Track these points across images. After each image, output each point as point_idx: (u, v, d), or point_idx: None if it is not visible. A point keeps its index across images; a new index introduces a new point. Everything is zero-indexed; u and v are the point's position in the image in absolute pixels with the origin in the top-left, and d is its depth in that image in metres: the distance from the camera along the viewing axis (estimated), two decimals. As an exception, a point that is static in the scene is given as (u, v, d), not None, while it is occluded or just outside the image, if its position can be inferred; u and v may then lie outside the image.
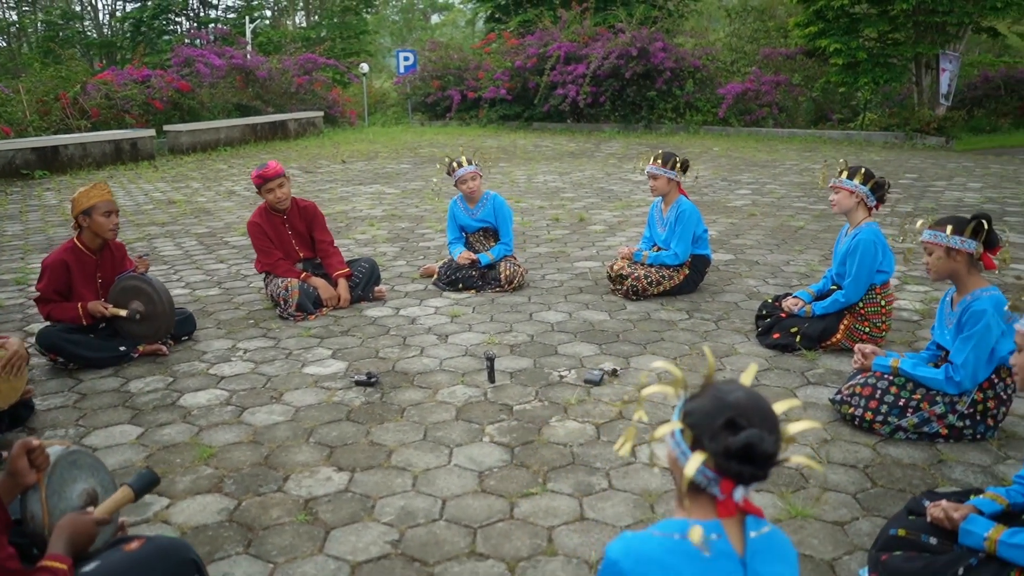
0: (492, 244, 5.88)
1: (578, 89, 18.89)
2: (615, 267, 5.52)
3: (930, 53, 17.97)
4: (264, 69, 18.69)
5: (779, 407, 1.52)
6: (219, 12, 32.25)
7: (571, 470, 3.17)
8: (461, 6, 62.81)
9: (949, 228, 3.15)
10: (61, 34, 29.96)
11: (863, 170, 4.32)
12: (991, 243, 3.16)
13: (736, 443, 1.45)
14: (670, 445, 1.57)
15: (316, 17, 31.85)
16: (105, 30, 33.88)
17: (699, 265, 5.53)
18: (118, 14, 33.08)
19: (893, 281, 5.33)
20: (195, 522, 2.83)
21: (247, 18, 26.55)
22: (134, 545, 2.09)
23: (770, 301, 4.79)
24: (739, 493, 1.50)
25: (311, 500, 2.96)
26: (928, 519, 2.45)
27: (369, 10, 33.27)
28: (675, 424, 1.53)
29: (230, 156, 14.70)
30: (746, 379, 1.57)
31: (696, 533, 1.46)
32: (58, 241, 7.34)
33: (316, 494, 3.00)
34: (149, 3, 29.25)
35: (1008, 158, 14.09)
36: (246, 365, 4.33)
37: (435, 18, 63.10)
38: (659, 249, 5.56)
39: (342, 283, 5.34)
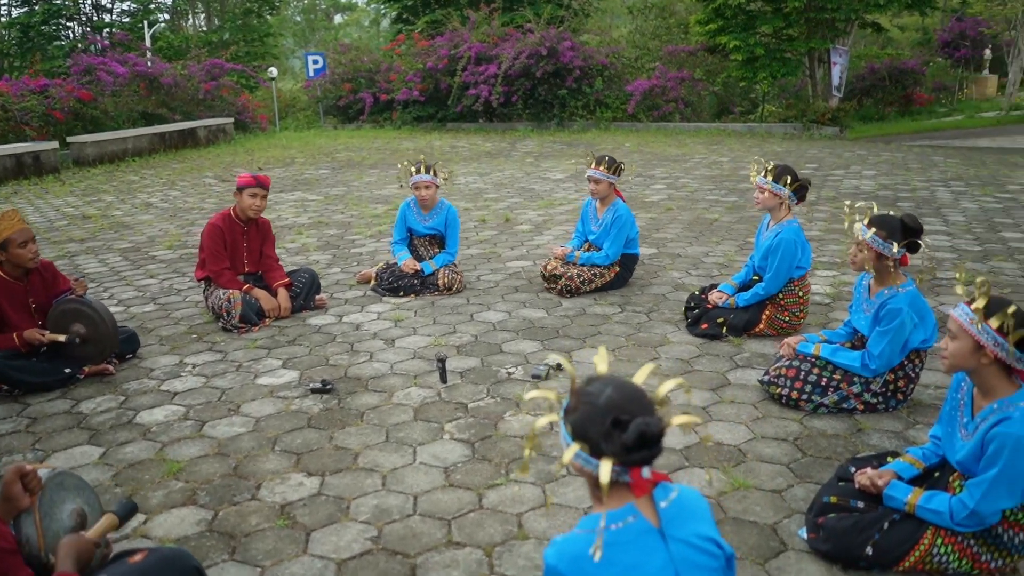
0: (436, 251, 6.03)
1: (490, 89, 19.12)
2: (549, 267, 5.76)
3: (821, 48, 18.96)
4: (169, 76, 18.22)
5: (639, 378, 1.70)
6: (113, 16, 31.06)
7: (531, 461, 3.38)
8: (365, 6, 62.26)
9: (895, 245, 3.42)
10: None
11: (788, 176, 4.64)
12: (913, 250, 3.50)
13: (630, 438, 1.62)
14: (577, 461, 1.74)
15: (217, 20, 31.04)
16: (-11, 37, 32.19)
17: (628, 263, 5.82)
18: (2, 20, 31.47)
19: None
20: (175, 535, 2.91)
21: (145, 23, 25.73)
22: (138, 557, 2.19)
23: (697, 293, 5.11)
24: (646, 472, 1.69)
25: (287, 505, 3.09)
26: (856, 486, 2.77)
27: (271, 12, 32.67)
28: (574, 447, 1.67)
29: (140, 167, 14.32)
30: (640, 378, 1.73)
31: (597, 544, 1.65)
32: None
33: (291, 499, 3.13)
34: (37, 7, 27.94)
35: (896, 145, 15.05)
36: (197, 380, 4.37)
37: (338, 18, 62.26)
38: (590, 247, 5.82)
39: (282, 293, 5.41)
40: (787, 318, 4.75)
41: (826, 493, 2.82)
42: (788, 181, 4.59)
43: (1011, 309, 2.38)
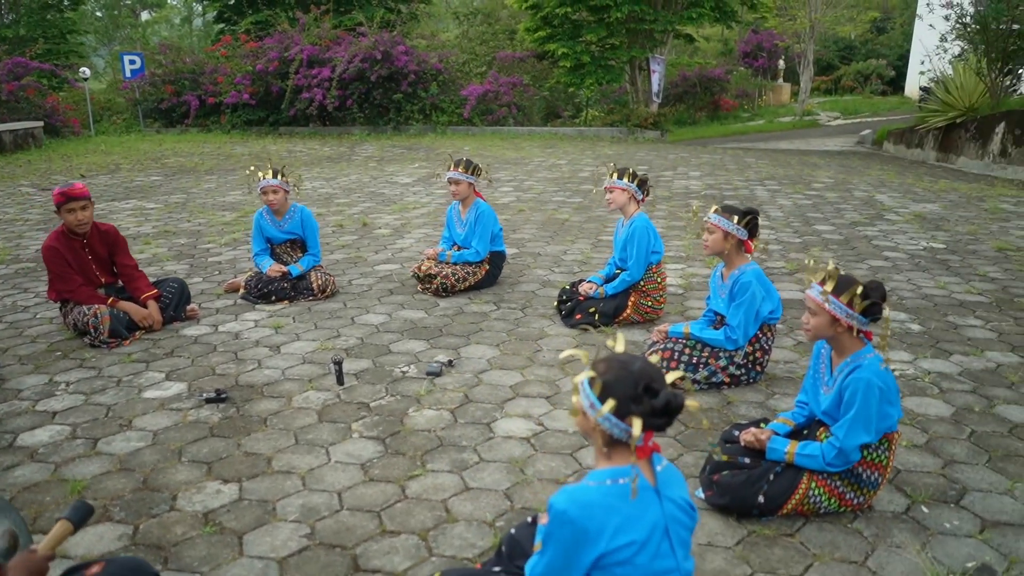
0: (299, 255, 6.03)
1: (325, 93, 18.88)
2: (423, 267, 5.92)
3: (641, 56, 20.21)
4: (-37, 75, 16.60)
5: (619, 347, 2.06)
6: None
7: (443, 451, 3.56)
8: (175, 2, 58.97)
9: (735, 218, 3.95)
10: None
11: (630, 170, 5.13)
12: (754, 233, 4.02)
13: (659, 403, 1.94)
14: (598, 421, 2.01)
15: (12, 15, 28.44)
16: None
17: (497, 260, 6.10)
18: None
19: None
20: (98, 551, 2.85)
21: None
22: (95, 569, 2.18)
23: (567, 287, 5.47)
24: (652, 439, 2.02)
25: (209, 512, 3.09)
26: (742, 443, 3.17)
27: (72, 7, 30.33)
28: (610, 403, 1.95)
29: (-62, 175, 12.99)
30: (619, 347, 2.07)
31: (635, 484, 1.96)
32: None
33: (212, 507, 3.13)
34: None
35: (712, 148, 16.37)
36: (76, 398, 4.19)
37: (145, 15, 58.56)
38: (460, 248, 6.05)
39: (152, 304, 5.23)
40: (650, 303, 5.20)
41: (716, 454, 3.21)
42: (631, 176, 5.06)
43: (858, 289, 2.84)
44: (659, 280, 5.23)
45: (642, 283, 5.19)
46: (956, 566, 2.74)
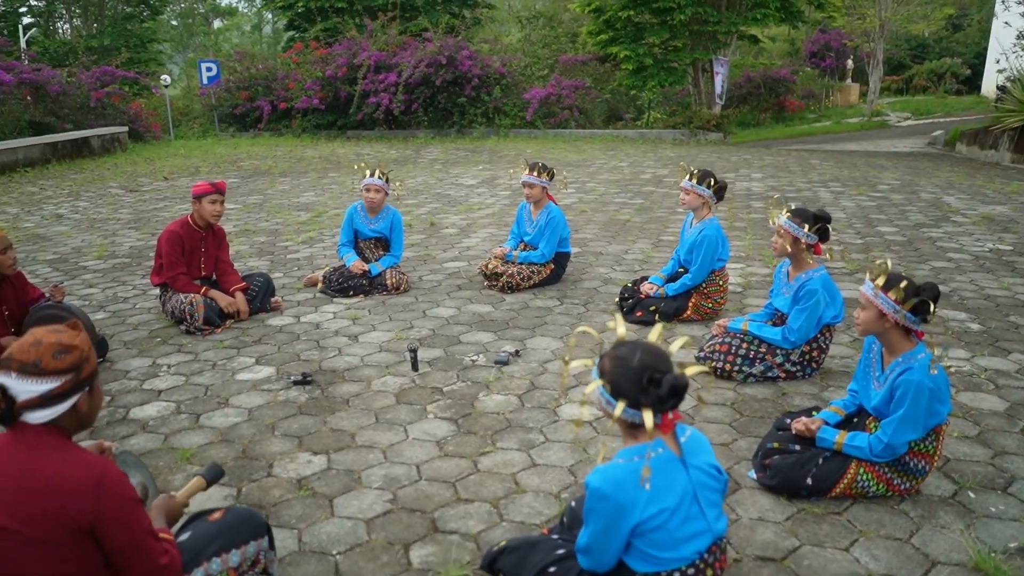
0: (381, 253, 6.38)
1: (391, 97, 19.41)
2: (490, 266, 6.22)
3: (705, 58, 20.21)
4: (56, 83, 17.60)
5: (673, 347, 2.24)
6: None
7: (511, 431, 3.84)
8: (246, 11, 60.76)
9: (806, 225, 4.10)
10: None
11: (712, 177, 5.28)
12: (823, 238, 4.17)
13: (664, 391, 2.17)
14: (621, 415, 2.24)
15: (96, 24, 29.87)
16: None
17: (562, 260, 6.36)
18: None
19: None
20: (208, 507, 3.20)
21: (20, 26, 24.56)
22: (217, 515, 2.52)
23: (629, 285, 5.69)
24: (671, 415, 2.25)
25: (302, 479, 3.42)
26: (793, 432, 3.36)
27: (152, 17, 31.70)
28: (621, 405, 2.20)
29: (35, 177, 13.86)
30: (620, 329, 2.29)
31: (646, 472, 2.18)
32: None
33: (304, 474, 3.46)
34: None
35: (775, 150, 16.32)
36: (177, 379, 4.60)
37: (217, 23, 60.52)
38: (526, 247, 6.32)
39: (240, 296, 5.64)
40: (710, 304, 5.38)
41: (769, 440, 3.41)
42: (711, 183, 5.21)
43: (903, 284, 3.01)
44: (721, 283, 5.40)
45: (704, 286, 5.37)
46: (998, 545, 2.89)
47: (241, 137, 20.81)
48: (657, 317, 5.35)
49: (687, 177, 5.28)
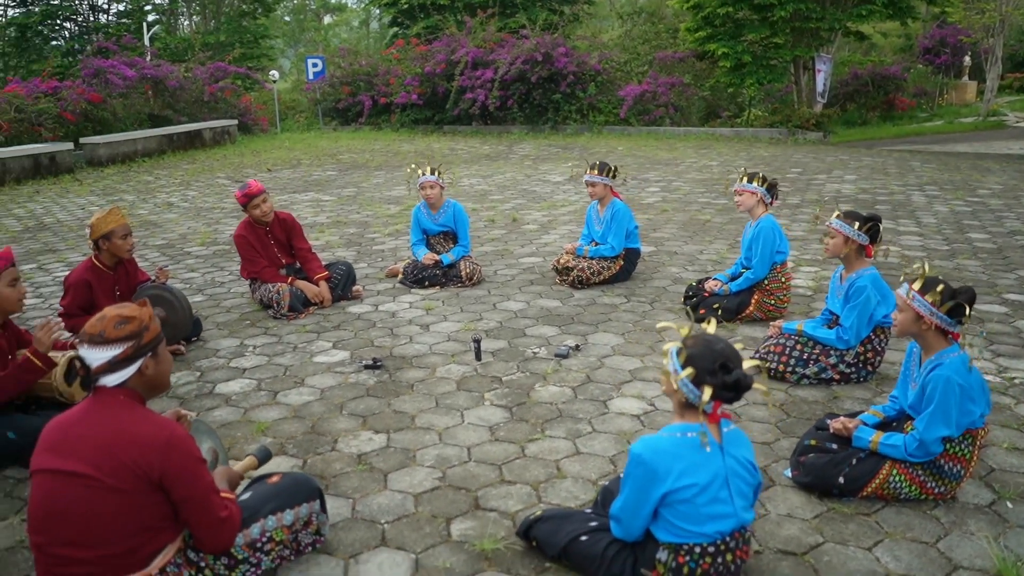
0: (451, 246, 6.67)
1: (487, 93, 19.76)
2: (561, 261, 6.41)
3: (806, 55, 19.72)
4: (174, 78, 18.75)
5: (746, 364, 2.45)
6: (109, 17, 31.42)
7: (561, 421, 4.03)
8: (355, 6, 62.60)
9: (856, 224, 4.17)
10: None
11: (760, 174, 5.36)
12: (875, 238, 4.21)
13: (730, 380, 2.36)
14: (678, 384, 2.44)
15: (213, 22, 31.50)
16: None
17: (631, 257, 6.49)
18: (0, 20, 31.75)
19: (790, 264, 6.41)
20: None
21: (144, 24, 26.19)
22: (275, 479, 2.83)
23: (694, 284, 5.79)
24: (721, 408, 2.44)
25: (362, 455, 3.72)
26: (831, 431, 3.44)
27: (266, 13, 33.19)
28: (689, 370, 2.41)
29: (152, 167, 14.87)
30: (710, 329, 2.50)
31: (704, 438, 2.40)
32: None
33: (364, 451, 3.76)
34: (36, 8, 28.31)
35: (877, 150, 15.80)
36: (261, 359, 5.00)
37: (327, 19, 62.61)
38: (597, 244, 6.48)
39: (323, 285, 6.02)
40: (773, 302, 5.43)
41: (806, 438, 3.49)
42: (760, 180, 5.29)
43: (940, 287, 3.06)
44: (783, 280, 5.44)
45: (766, 282, 5.42)
46: (1029, 556, 2.90)
47: (342, 131, 21.62)
48: (720, 314, 5.43)
49: (739, 180, 5.37)
